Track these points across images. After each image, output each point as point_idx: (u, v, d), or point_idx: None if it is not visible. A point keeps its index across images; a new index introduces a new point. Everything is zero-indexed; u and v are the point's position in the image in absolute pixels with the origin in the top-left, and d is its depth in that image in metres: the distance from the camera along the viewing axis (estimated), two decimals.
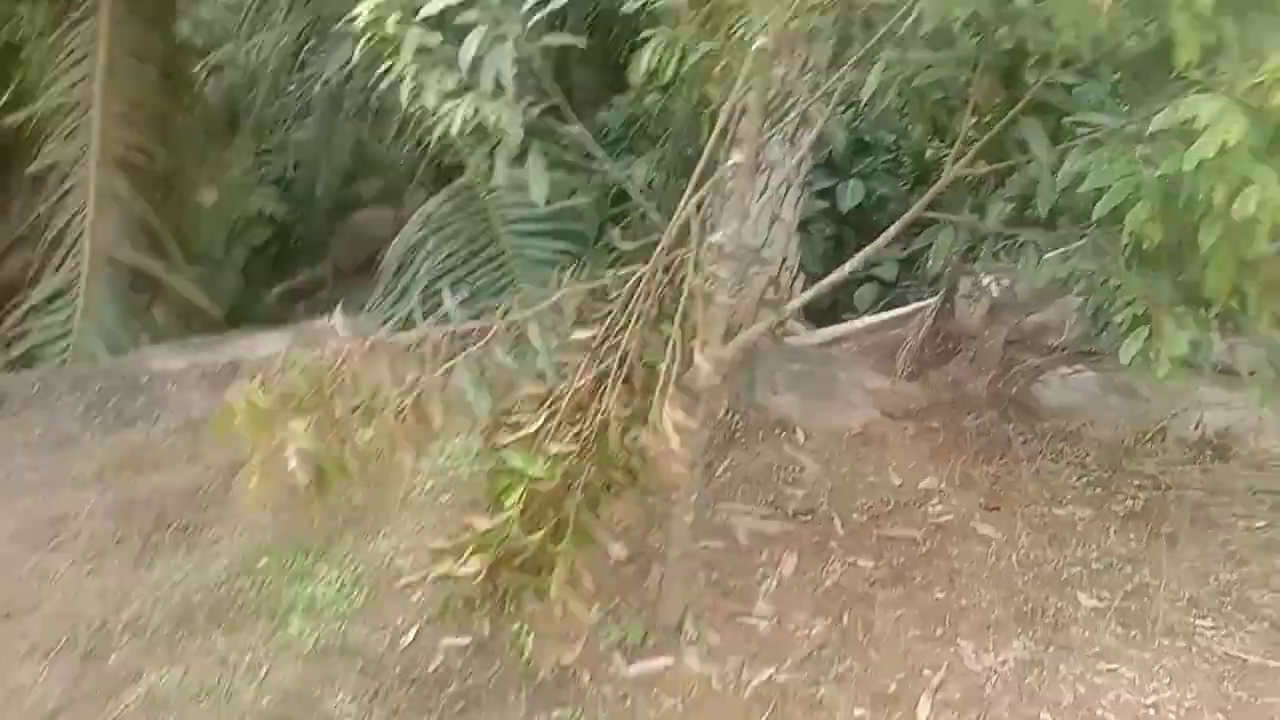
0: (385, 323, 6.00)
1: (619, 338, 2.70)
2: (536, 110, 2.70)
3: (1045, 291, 6.45)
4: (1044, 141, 2.82)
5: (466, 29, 2.49)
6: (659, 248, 2.72)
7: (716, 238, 2.95)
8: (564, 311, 2.84)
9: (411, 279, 5.96)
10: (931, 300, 7.59)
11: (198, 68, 9.87)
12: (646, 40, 3.65)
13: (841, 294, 9.59)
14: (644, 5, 3.56)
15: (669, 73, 3.62)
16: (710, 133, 4.15)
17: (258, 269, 12.16)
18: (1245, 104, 2.29)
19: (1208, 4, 2.40)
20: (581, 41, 3.08)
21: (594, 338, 2.72)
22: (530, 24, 2.62)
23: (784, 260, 7.74)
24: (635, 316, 2.71)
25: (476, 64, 2.50)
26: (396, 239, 6.18)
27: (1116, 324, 2.71)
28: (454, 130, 2.43)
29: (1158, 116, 2.32)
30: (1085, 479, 3.77)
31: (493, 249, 6.10)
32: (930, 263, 3.34)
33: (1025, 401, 4.25)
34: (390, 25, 2.35)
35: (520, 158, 2.65)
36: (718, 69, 3.81)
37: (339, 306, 6.24)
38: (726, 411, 4.51)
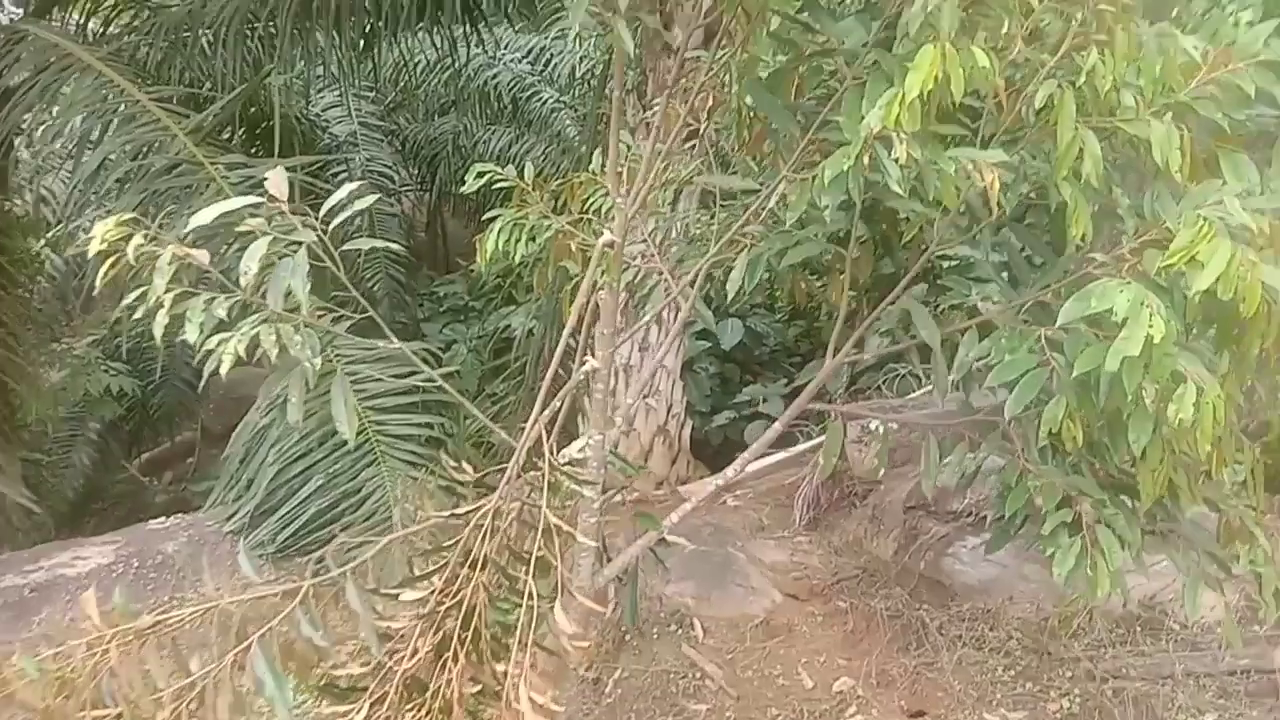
0: (230, 518, 5.35)
1: (462, 592, 2.19)
2: (345, 326, 2.25)
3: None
4: (931, 324, 2.49)
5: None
6: (507, 475, 2.25)
7: (575, 450, 2.51)
8: (393, 563, 2.32)
9: (258, 470, 5.33)
10: (819, 440, 7.34)
11: (39, 244, 9.18)
12: (492, 220, 3.29)
13: (731, 430, 9.32)
14: (488, 183, 3.20)
15: (519, 254, 3.24)
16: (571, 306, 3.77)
17: (115, 443, 11.28)
18: (1158, 287, 2.00)
19: (1096, 173, 2.13)
20: (400, 245, 2.62)
21: (431, 593, 2.20)
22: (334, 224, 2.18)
23: (670, 408, 7.43)
24: (481, 563, 2.21)
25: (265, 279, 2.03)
26: (239, 426, 5.55)
27: (1039, 527, 2.35)
28: (224, 370, 1.95)
29: (1066, 307, 2.00)
30: (1013, 670, 3.36)
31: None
32: (821, 462, 2.93)
33: (936, 577, 3.86)
34: (132, 252, 1.87)
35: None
36: (574, 244, 3.46)
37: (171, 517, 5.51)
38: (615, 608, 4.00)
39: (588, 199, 3.43)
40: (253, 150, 8.79)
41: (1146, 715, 3.12)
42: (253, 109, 8.95)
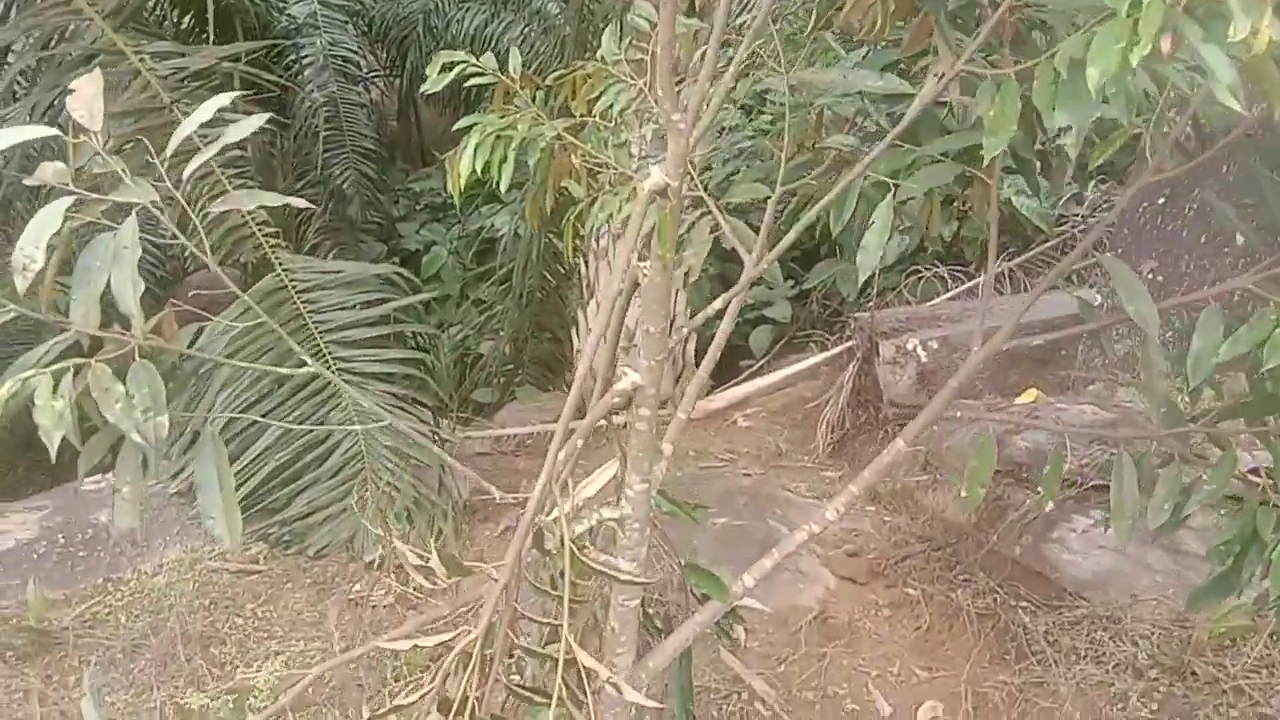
0: (176, 475, 4.49)
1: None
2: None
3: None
4: (1144, 295, 1.58)
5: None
6: (505, 577, 1.36)
7: (595, 489, 1.64)
8: None
9: (205, 418, 4.43)
10: (836, 350, 6.50)
11: None
12: (466, 131, 2.33)
13: (733, 336, 8.46)
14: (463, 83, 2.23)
15: (505, 179, 2.29)
16: (573, 250, 2.82)
17: None
18: None
19: None
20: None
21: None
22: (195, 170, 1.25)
23: (672, 320, 6.57)
24: (482, 675, 1.35)
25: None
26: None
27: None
28: None
29: None
30: (1153, 699, 2.59)
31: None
32: (966, 494, 1.99)
33: (1036, 567, 3.06)
34: None
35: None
36: (577, 158, 2.51)
37: None
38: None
39: (597, 98, 2.47)
40: (198, 36, 7.60)
41: None
42: None
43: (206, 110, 1.24)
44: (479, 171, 2.25)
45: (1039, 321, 5.23)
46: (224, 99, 1.28)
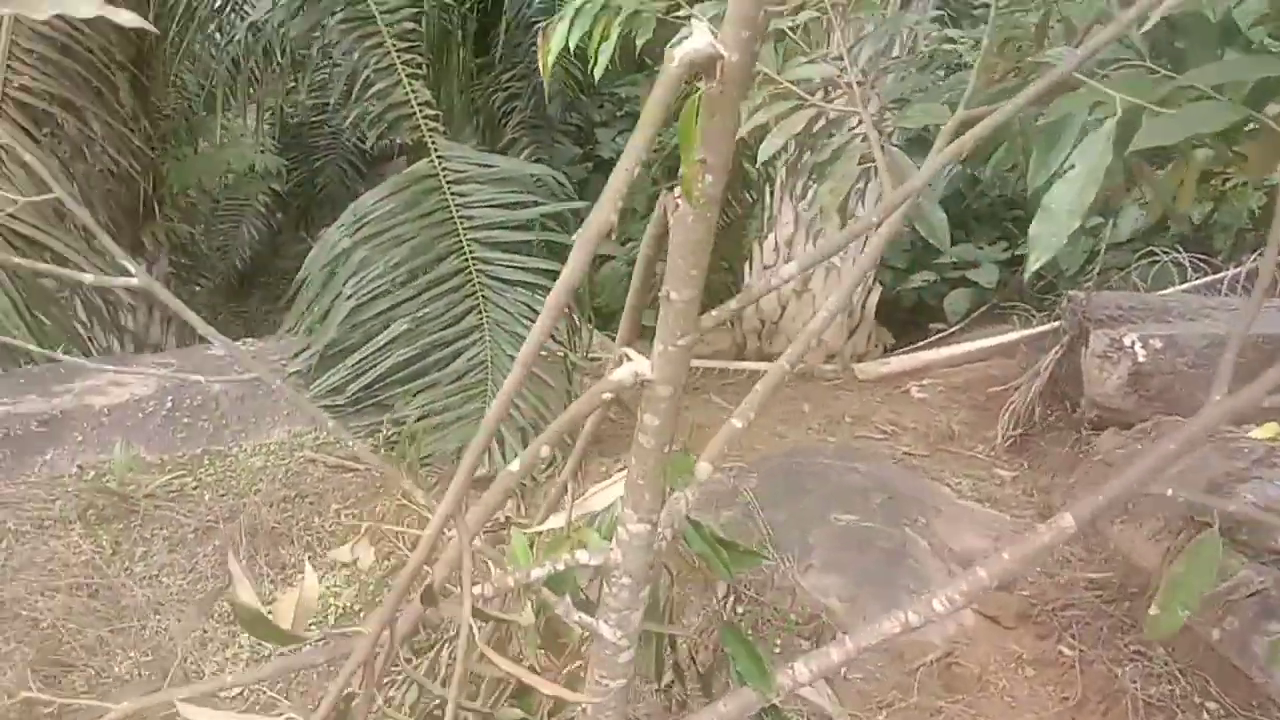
0: (299, 355, 4.31)
1: None
2: None
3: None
4: None
5: None
6: (395, 590, 0.88)
7: (601, 503, 1.13)
8: None
9: (334, 300, 4.22)
10: (1041, 328, 5.66)
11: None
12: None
13: (927, 294, 7.55)
14: None
15: (602, 62, 1.76)
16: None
17: (285, 217, 10.73)
18: None
19: None
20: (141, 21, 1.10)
21: None
22: None
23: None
24: None
25: None
26: (317, 245, 4.42)
27: None
28: None
29: None
30: None
31: (450, 263, 4.31)
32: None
33: (1237, 661, 2.31)
34: None
35: None
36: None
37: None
38: (727, 596, 2.70)
39: None
40: None
41: None
42: None
43: None
44: (571, 48, 1.73)
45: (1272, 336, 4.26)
46: None
